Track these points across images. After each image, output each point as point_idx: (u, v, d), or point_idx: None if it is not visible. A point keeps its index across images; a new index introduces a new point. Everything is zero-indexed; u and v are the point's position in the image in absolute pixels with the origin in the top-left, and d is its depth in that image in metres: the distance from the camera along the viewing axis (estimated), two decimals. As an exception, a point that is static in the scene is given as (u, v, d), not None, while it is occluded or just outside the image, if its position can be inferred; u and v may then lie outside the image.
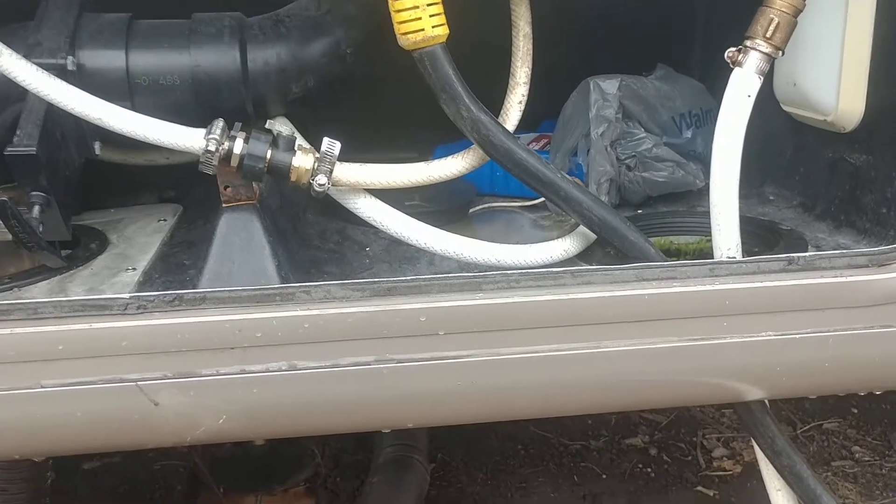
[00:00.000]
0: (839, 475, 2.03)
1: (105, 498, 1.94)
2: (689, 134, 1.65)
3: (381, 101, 1.71)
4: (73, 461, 2.00)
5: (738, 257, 1.16)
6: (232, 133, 1.12)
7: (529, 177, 1.19)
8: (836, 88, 1.32)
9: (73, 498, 1.93)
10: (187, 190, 1.56)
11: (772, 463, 1.28)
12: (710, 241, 1.21)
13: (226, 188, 1.15)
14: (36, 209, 1.16)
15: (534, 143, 1.76)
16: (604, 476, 2.03)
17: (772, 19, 1.14)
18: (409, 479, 1.76)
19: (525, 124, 1.30)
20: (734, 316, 1.08)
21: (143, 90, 1.24)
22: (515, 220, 1.62)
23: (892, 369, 1.16)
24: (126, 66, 1.24)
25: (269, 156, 1.12)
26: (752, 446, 1.29)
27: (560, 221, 1.56)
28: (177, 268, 1.23)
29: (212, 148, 1.10)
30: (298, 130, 1.33)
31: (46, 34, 1.22)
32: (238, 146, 1.11)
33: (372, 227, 1.23)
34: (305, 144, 1.21)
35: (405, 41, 1.12)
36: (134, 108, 1.17)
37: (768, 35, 1.15)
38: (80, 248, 1.30)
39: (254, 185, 1.17)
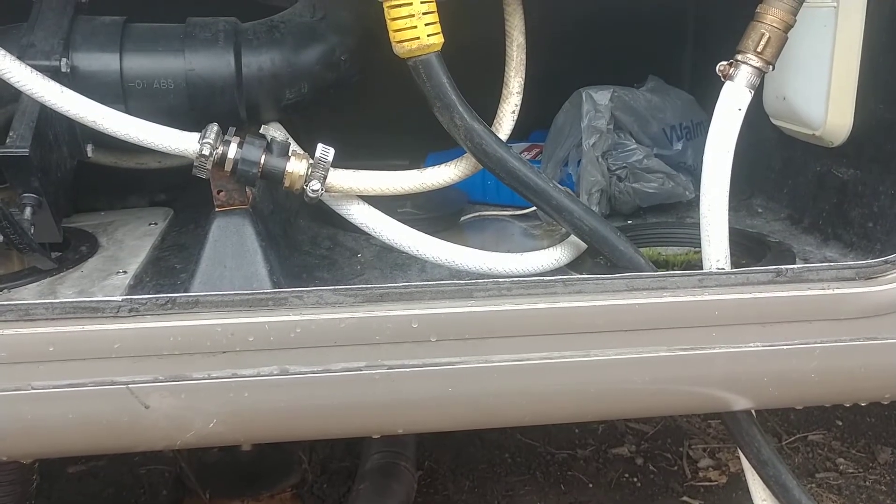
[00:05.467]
0: (823, 487, 2.04)
1: (90, 502, 1.92)
2: (679, 146, 1.66)
3: (373, 108, 1.71)
4: (58, 465, 1.99)
5: (727, 268, 1.17)
6: (226, 137, 1.12)
7: (522, 186, 1.20)
8: (825, 103, 1.33)
9: (57, 503, 1.91)
10: (178, 194, 1.56)
11: (758, 473, 1.29)
12: (698, 252, 1.22)
13: (219, 192, 1.15)
14: (28, 210, 1.16)
15: (525, 153, 1.76)
16: (590, 485, 2.03)
17: (763, 34, 1.16)
18: (396, 486, 1.76)
19: (515, 134, 1.31)
20: (723, 326, 1.08)
21: (136, 93, 1.25)
22: (506, 229, 1.63)
23: (877, 381, 1.17)
24: (120, 69, 1.24)
25: (262, 161, 1.13)
26: (738, 457, 1.29)
27: (550, 231, 1.57)
28: (168, 271, 1.24)
29: (206, 152, 1.10)
30: (290, 136, 1.33)
31: (40, 36, 1.23)
32: (232, 150, 1.11)
33: (364, 233, 1.24)
34: (299, 150, 1.21)
35: (400, 49, 1.13)
36: (127, 111, 1.17)
37: (759, 49, 1.16)
38: (70, 250, 1.30)
39: (246, 189, 1.17)
